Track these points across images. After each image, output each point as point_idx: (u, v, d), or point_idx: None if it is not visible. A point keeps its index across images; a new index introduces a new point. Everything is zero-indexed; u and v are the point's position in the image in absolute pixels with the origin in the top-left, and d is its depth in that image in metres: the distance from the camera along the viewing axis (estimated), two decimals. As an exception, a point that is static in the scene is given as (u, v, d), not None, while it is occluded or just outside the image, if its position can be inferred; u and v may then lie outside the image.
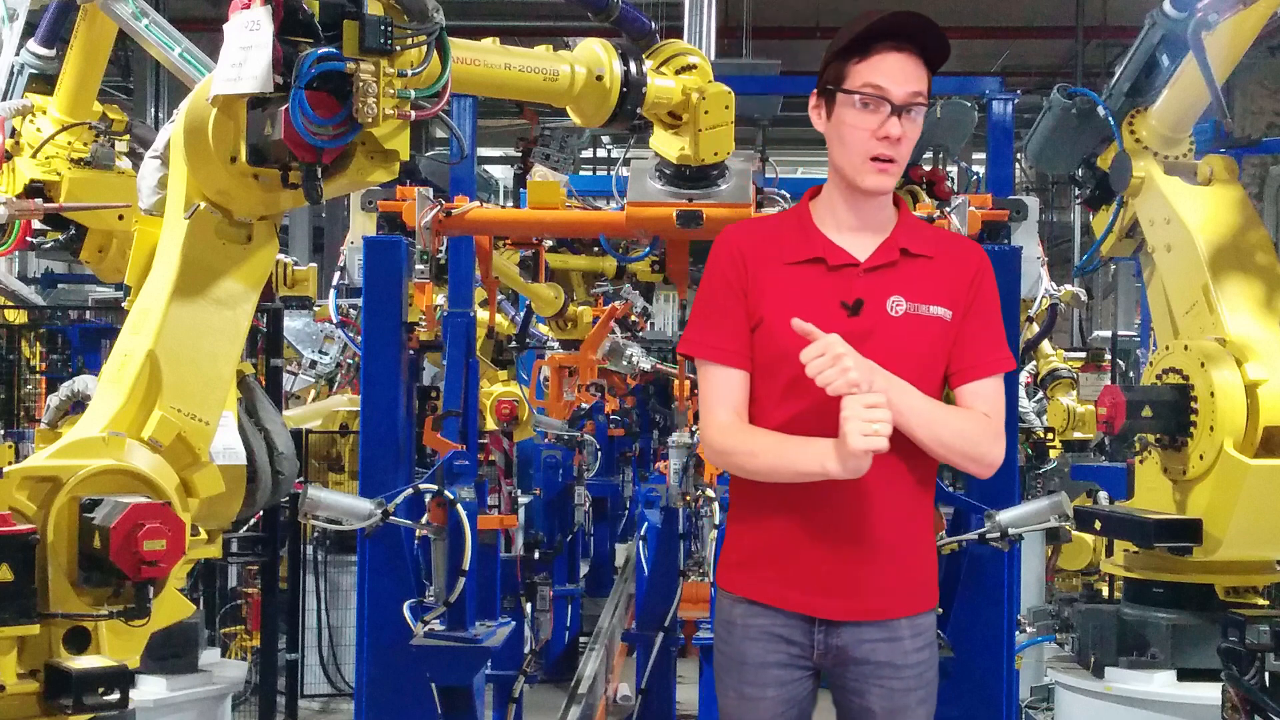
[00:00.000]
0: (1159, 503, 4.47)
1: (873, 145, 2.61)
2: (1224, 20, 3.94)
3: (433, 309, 4.19)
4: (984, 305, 2.74)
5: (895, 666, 2.72)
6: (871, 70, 2.60)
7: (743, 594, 2.77)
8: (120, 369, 2.87)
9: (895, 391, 2.54)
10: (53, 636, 2.52)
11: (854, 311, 2.64)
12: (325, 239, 18.13)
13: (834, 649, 2.72)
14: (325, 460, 8.00)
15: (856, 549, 2.67)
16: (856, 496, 2.64)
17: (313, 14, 2.58)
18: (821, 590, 2.69)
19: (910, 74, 2.62)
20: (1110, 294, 19.22)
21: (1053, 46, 17.03)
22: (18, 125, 4.72)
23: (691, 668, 6.79)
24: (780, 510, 2.69)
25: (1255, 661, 3.52)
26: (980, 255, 2.80)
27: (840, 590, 2.69)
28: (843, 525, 2.66)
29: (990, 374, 2.71)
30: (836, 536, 2.66)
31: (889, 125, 2.59)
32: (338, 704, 8.04)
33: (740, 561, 2.79)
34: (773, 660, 2.73)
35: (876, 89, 2.60)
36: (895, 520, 2.69)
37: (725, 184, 3.86)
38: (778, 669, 2.74)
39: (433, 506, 3.98)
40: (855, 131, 2.61)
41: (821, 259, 2.68)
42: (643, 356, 7.98)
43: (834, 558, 2.67)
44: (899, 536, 2.70)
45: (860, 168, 2.63)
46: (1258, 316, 4.32)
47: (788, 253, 2.70)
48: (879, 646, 2.71)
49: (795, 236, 2.73)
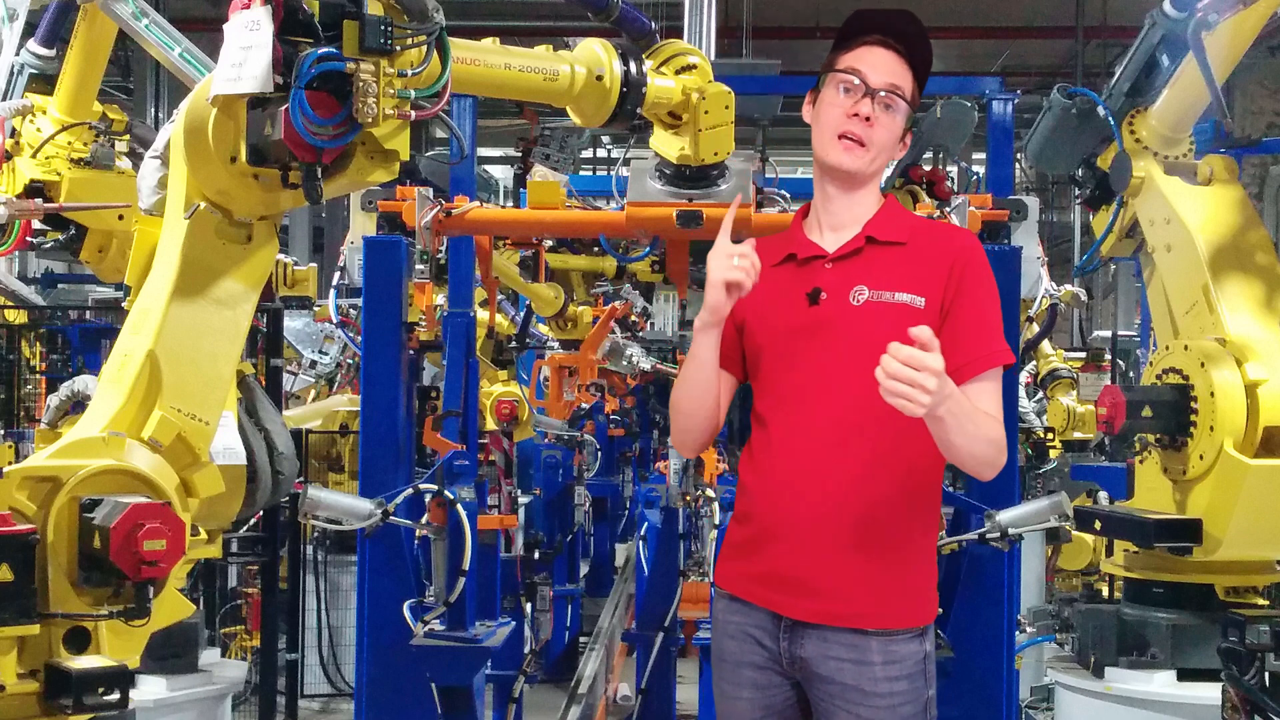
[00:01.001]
0: (1159, 503, 4.47)
1: (843, 122, 2.66)
2: (1224, 20, 3.95)
3: (433, 309, 4.19)
4: (972, 294, 2.65)
5: (864, 693, 2.60)
6: (854, 58, 2.69)
7: (724, 588, 2.78)
8: (120, 369, 2.87)
9: (955, 404, 2.41)
10: (53, 636, 2.52)
11: (813, 300, 2.67)
12: (325, 239, 18.13)
13: (799, 660, 2.65)
14: (325, 460, 8.00)
15: (825, 547, 2.60)
16: (839, 491, 2.60)
17: (313, 14, 2.58)
18: (781, 585, 2.64)
19: (890, 68, 2.68)
20: (1110, 294, 19.22)
21: (1053, 46, 17.03)
22: (18, 125, 4.72)
23: (691, 668, 6.80)
24: (762, 502, 2.70)
25: (1255, 661, 3.52)
26: (964, 242, 2.73)
27: (800, 588, 2.63)
28: (815, 520, 2.61)
29: (985, 370, 2.62)
30: (807, 531, 2.62)
31: (861, 104, 2.65)
32: (338, 704, 8.04)
33: (725, 556, 2.82)
34: (747, 660, 2.71)
35: (855, 71, 2.67)
36: (876, 521, 2.60)
37: (725, 184, 3.86)
38: (751, 670, 2.71)
39: (433, 506, 3.98)
40: (830, 109, 2.68)
41: (793, 255, 2.74)
42: (643, 356, 7.97)
43: (800, 553, 2.62)
44: (880, 540, 2.61)
45: (829, 144, 2.68)
46: (1258, 316, 4.32)
47: (771, 256, 2.74)
48: (845, 667, 2.61)
49: (781, 241, 2.80)
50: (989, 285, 2.70)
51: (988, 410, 2.60)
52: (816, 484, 2.61)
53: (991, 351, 2.64)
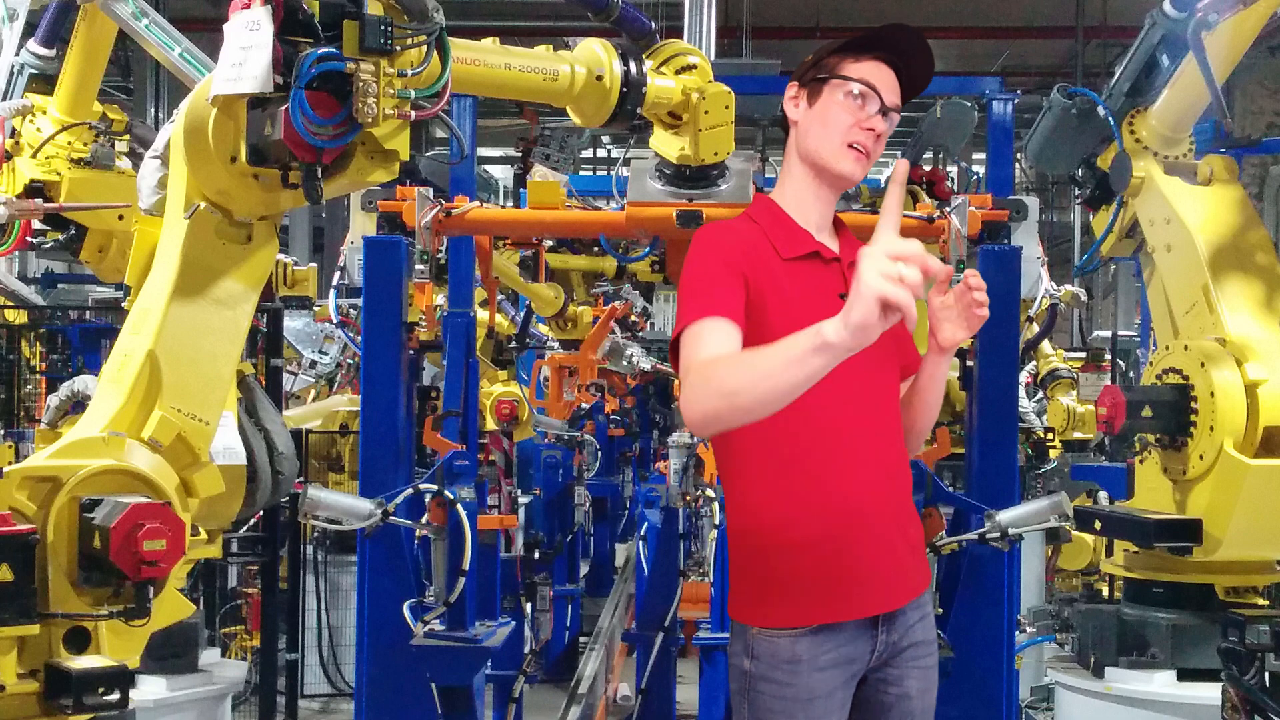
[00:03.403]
0: (1159, 503, 4.47)
1: (855, 133, 2.67)
2: (1224, 20, 3.94)
3: (433, 309, 4.18)
4: None
5: (928, 644, 2.76)
6: (868, 70, 2.69)
7: (803, 623, 2.62)
8: (120, 369, 2.87)
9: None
10: (53, 636, 2.52)
11: None
12: (325, 239, 18.14)
13: (889, 646, 2.69)
14: (325, 460, 8.00)
15: (893, 531, 2.69)
16: (887, 479, 2.68)
17: (313, 14, 2.58)
18: (881, 581, 2.67)
19: (894, 87, 2.72)
20: (1110, 294, 19.23)
21: (1053, 46, 17.04)
22: (18, 125, 4.72)
23: (691, 668, 6.79)
24: (803, 514, 2.61)
25: (1255, 661, 3.52)
26: None
27: (895, 574, 2.70)
28: (880, 510, 2.66)
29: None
30: (879, 521, 2.66)
31: (876, 120, 2.67)
32: (338, 704, 8.04)
33: (782, 590, 2.63)
34: (839, 687, 2.66)
35: (872, 87, 2.68)
36: (908, 498, 2.77)
37: (725, 184, 3.86)
38: (842, 691, 2.67)
39: (433, 506, 3.98)
40: (842, 116, 2.68)
41: (816, 253, 2.72)
42: (643, 356, 7.98)
43: (882, 542, 2.67)
44: (913, 514, 2.79)
45: (839, 151, 2.68)
46: (1258, 316, 4.32)
47: (781, 249, 2.70)
48: (916, 627, 2.73)
49: (782, 233, 2.72)
50: None
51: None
52: (869, 476, 2.66)
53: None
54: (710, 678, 4.83)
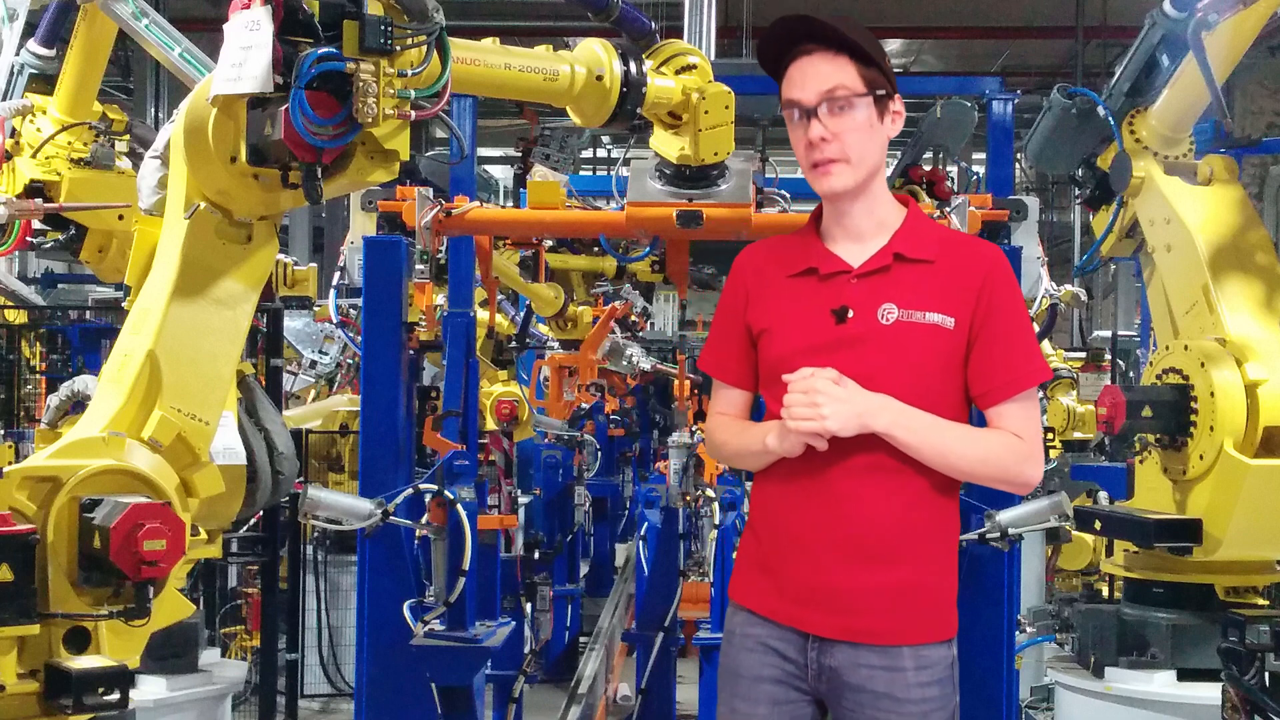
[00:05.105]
0: (1159, 503, 4.47)
1: (810, 154, 2.62)
2: (1224, 20, 3.94)
3: (433, 309, 4.19)
4: (1000, 314, 2.60)
5: (895, 700, 2.55)
6: (787, 85, 2.65)
7: (742, 602, 2.70)
8: (120, 369, 2.87)
9: (893, 415, 2.51)
10: (53, 636, 2.52)
11: (840, 319, 2.59)
12: (325, 239, 18.13)
13: (827, 670, 2.58)
14: (325, 460, 8.00)
15: (853, 562, 2.55)
16: (859, 505, 2.55)
17: (313, 14, 2.58)
18: (811, 603, 2.59)
19: (820, 72, 2.59)
20: (1110, 294, 19.22)
21: (1053, 46, 17.03)
22: (18, 125, 4.72)
23: (691, 668, 6.80)
24: (782, 517, 2.63)
25: (1255, 661, 3.52)
26: (991, 259, 2.64)
27: (831, 605, 2.57)
28: (841, 535, 2.56)
29: (1015, 394, 2.58)
30: (833, 547, 2.56)
31: (811, 129, 2.59)
32: (338, 704, 8.04)
33: (743, 569, 2.74)
34: (767, 675, 2.63)
35: (791, 101, 2.63)
36: (902, 534, 2.57)
37: (725, 184, 3.86)
38: (771, 685, 2.62)
39: (433, 506, 3.98)
40: (796, 146, 2.66)
41: (814, 268, 2.66)
42: (643, 356, 7.99)
43: (827, 569, 2.56)
44: (907, 552, 2.57)
45: (810, 176, 2.66)
46: (1258, 316, 4.32)
47: (788, 265, 2.70)
48: (877, 674, 2.55)
49: (798, 249, 2.71)
50: (1018, 302, 2.66)
51: (1016, 431, 2.58)
52: (841, 499, 2.56)
53: (1026, 373, 2.60)
54: (710, 678, 4.83)
